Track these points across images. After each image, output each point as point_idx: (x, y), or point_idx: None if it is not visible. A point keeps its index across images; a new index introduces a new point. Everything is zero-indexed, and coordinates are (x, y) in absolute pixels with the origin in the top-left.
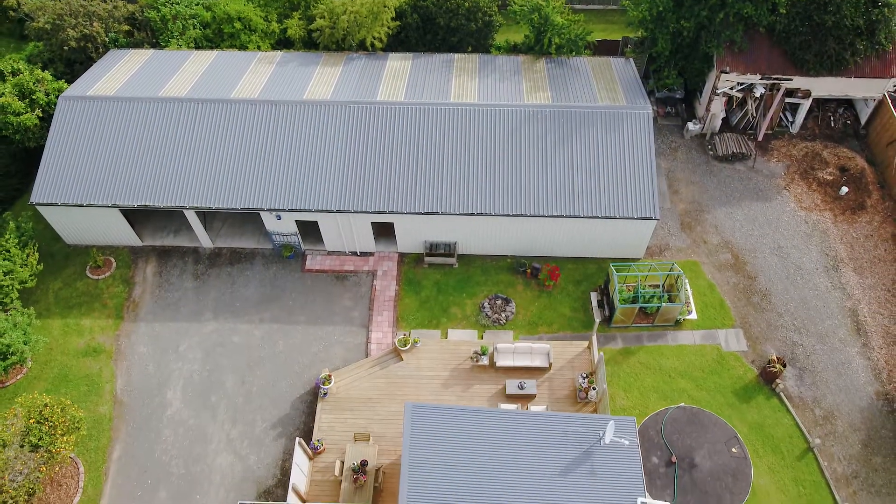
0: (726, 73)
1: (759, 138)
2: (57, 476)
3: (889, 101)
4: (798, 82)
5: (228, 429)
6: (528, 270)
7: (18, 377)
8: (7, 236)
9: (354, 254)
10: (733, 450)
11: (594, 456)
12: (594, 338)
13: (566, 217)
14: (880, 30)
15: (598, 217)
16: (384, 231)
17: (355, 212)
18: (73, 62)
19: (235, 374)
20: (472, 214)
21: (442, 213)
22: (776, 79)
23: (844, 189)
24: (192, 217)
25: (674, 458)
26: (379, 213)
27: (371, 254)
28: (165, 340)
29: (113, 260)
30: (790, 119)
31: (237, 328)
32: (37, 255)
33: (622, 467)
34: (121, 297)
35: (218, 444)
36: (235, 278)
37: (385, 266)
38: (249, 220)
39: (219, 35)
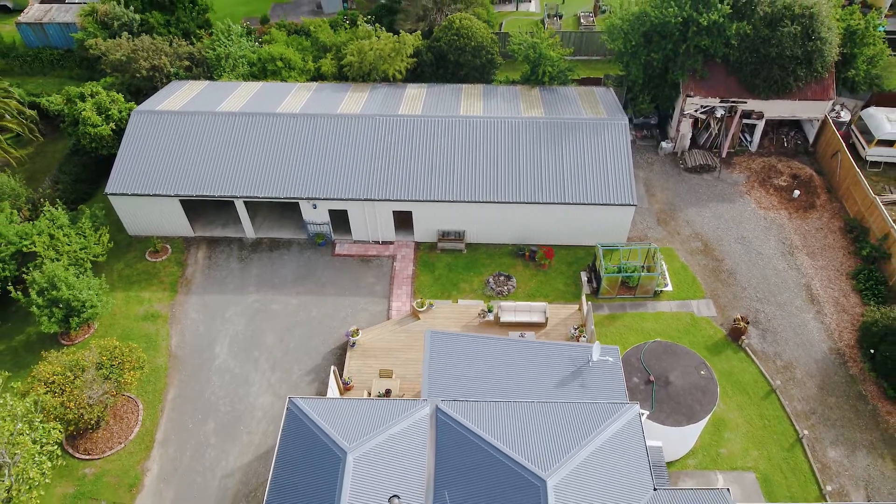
0: (691, 96)
1: (724, 155)
2: (120, 411)
3: (830, 120)
4: (752, 105)
5: (269, 376)
6: (527, 253)
7: (87, 335)
8: (83, 220)
9: (377, 242)
10: (702, 372)
11: (584, 373)
12: (584, 298)
13: (557, 203)
14: (816, 59)
15: (585, 203)
16: (403, 223)
17: (380, 200)
18: (140, 91)
19: (275, 333)
20: (478, 202)
21: (452, 201)
22: (733, 102)
23: (797, 192)
24: (241, 209)
25: (651, 378)
26: (400, 200)
27: (391, 242)
28: (213, 308)
29: (169, 247)
30: (749, 139)
31: (276, 299)
32: (107, 235)
33: (608, 380)
34: (175, 275)
35: (259, 388)
36: (274, 261)
37: (403, 252)
38: (287, 214)
39: (263, 72)
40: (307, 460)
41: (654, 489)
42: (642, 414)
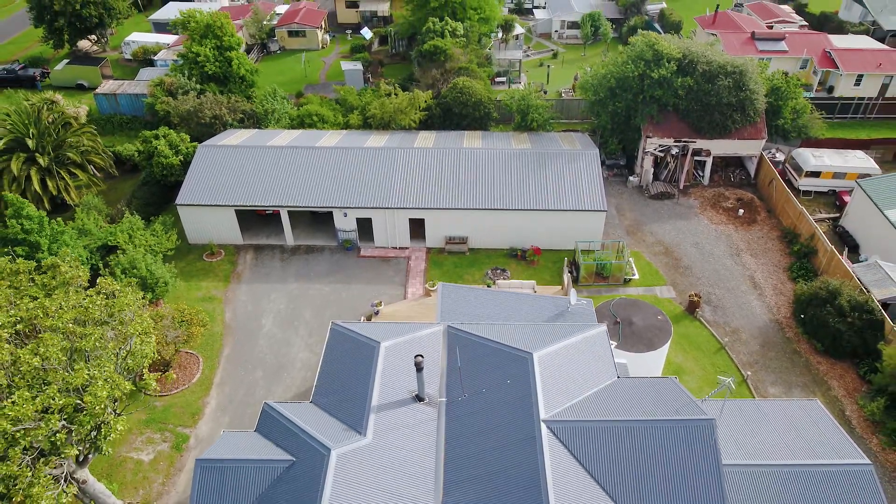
0: (650, 137)
1: (681, 187)
2: (184, 363)
3: (765, 156)
4: (700, 144)
5: (306, 339)
6: (519, 254)
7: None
8: (156, 224)
9: (395, 247)
10: (658, 317)
11: (564, 314)
12: (566, 276)
13: (543, 210)
14: (748, 106)
15: (565, 210)
16: (415, 234)
17: (399, 208)
18: (201, 140)
19: (311, 310)
20: (478, 209)
21: (457, 209)
22: (685, 141)
23: (741, 211)
24: (284, 218)
25: (618, 320)
26: (415, 209)
27: (407, 248)
28: (260, 293)
29: (223, 251)
30: (701, 174)
31: (312, 287)
32: (175, 235)
33: (582, 318)
34: (228, 271)
35: (298, 347)
36: (310, 261)
37: (417, 254)
38: (321, 226)
39: (301, 124)
40: (348, 352)
41: (618, 377)
42: (612, 343)
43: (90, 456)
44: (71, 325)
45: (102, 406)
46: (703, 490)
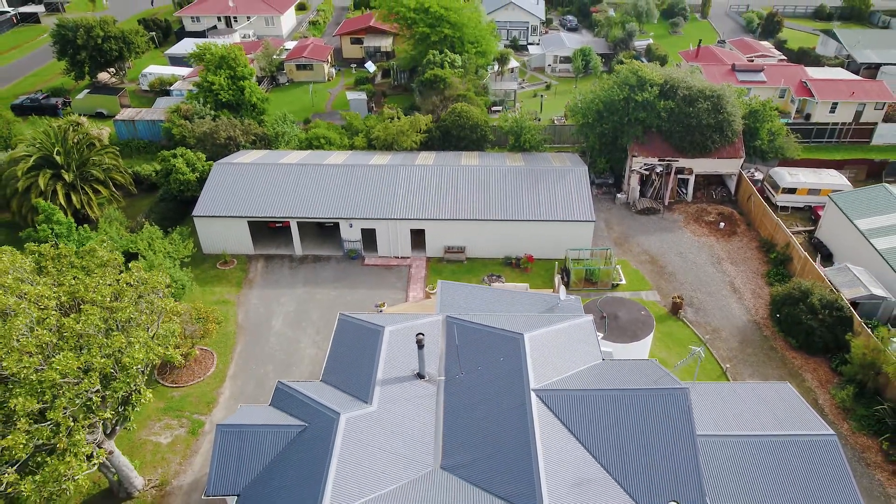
0: (636, 157)
1: (666, 203)
2: (200, 358)
3: (744, 174)
4: (683, 162)
5: (314, 337)
6: (514, 262)
7: None
8: (174, 234)
9: (397, 257)
10: (642, 312)
11: (554, 309)
12: (557, 279)
13: (535, 220)
14: (726, 127)
15: (556, 220)
16: (416, 244)
17: (401, 219)
18: (216, 157)
19: (318, 311)
20: (475, 220)
21: (456, 219)
22: (668, 160)
23: (722, 224)
24: (294, 229)
25: (604, 315)
26: (416, 219)
27: (408, 257)
28: (270, 297)
29: (235, 260)
30: (685, 191)
31: (319, 291)
32: (191, 244)
33: (573, 311)
34: (240, 277)
35: (306, 344)
36: (317, 269)
37: (417, 263)
38: (327, 238)
39: (310, 146)
40: (355, 337)
41: (602, 360)
42: (598, 335)
43: (117, 428)
44: (108, 300)
45: (136, 369)
46: (679, 450)
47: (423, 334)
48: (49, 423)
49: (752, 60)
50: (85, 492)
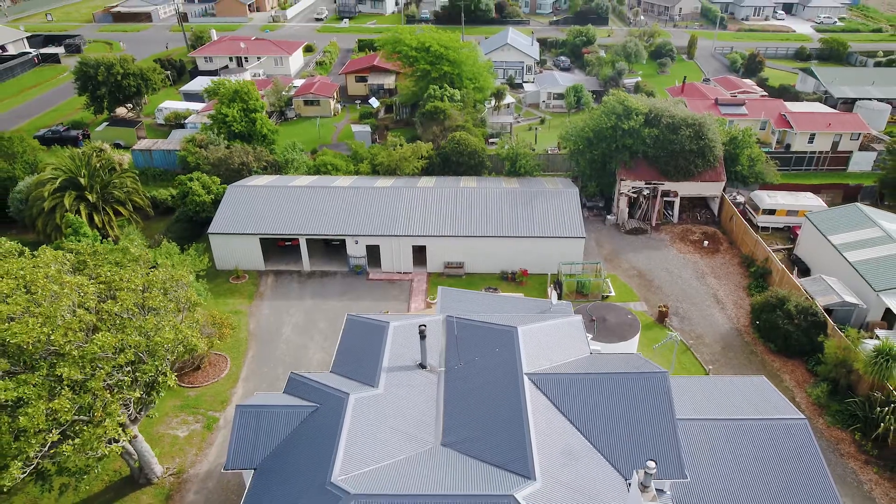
0: (624, 180)
1: (653, 224)
2: (214, 362)
3: (726, 196)
4: (668, 185)
5: (321, 343)
6: (509, 276)
7: None
8: (190, 250)
9: (399, 272)
10: (629, 316)
11: (546, 312)
12: (550, 289)
13: (529, 237)
14: (708, 153)
15: (549, 237)
16: (418, 261)
17: (404, 236)
18: (229, 181)
19: (325, 321)
20: (473, 237)
21: (455, 236)
22: (654, 183)
23: (706, 242)
24: (303, 245)
25: (594, 318)
26: (418, 236)
27: (410, 272)
28: (280, 308)
29: (247, 275)
30: (671, 213)
31: (326, 303)
32: (206, 258)
33: (565, 313)
34: (252, 291)
35: (314, 350)
36: (325, 283)
37: (419, 278)
38: (334, 255)
39: (317, 172)
40: (361, 333)
41: (591, 353)
42: (588, 336)
43: (141, 413)
44: (140, 289)
45: (164, 349)
46: (659, 426)
47: (425, 325)
48: (89, 391)
49: (735, 96)
50: (108, 479)
